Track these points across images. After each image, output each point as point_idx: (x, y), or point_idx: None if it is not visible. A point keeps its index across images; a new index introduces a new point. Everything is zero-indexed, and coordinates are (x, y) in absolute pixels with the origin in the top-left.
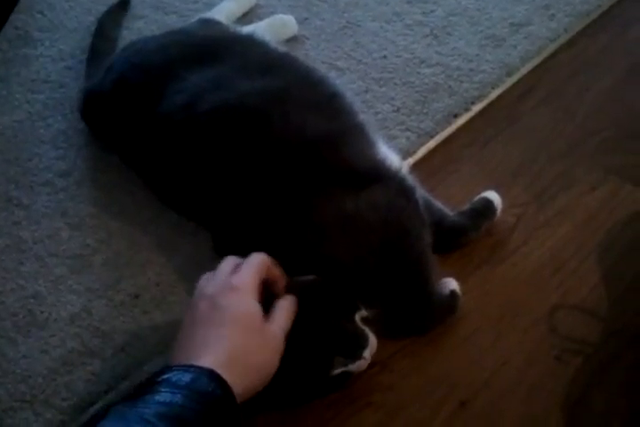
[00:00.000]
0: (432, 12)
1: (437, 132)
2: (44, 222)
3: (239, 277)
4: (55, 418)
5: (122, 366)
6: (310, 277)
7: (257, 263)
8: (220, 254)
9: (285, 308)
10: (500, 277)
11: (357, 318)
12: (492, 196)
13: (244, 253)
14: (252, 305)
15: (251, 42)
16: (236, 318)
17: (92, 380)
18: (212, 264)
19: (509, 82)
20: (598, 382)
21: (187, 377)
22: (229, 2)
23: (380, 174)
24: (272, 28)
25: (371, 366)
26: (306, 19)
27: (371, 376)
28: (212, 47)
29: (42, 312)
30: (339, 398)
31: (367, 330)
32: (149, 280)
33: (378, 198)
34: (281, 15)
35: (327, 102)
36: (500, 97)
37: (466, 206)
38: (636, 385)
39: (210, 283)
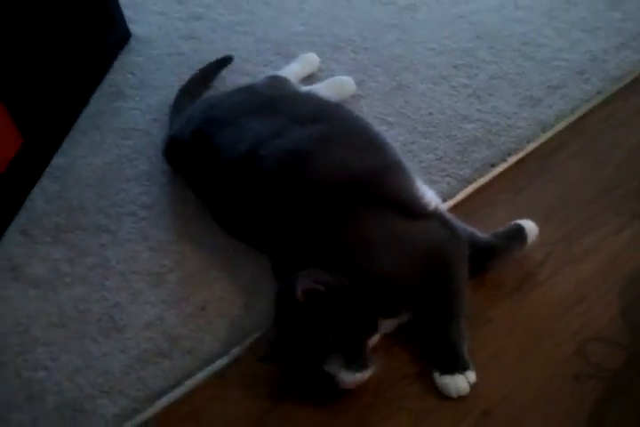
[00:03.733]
0: (476, 75)
1: (475, 179)
2: (127, 245)
3: None
4: (129, 406)
5: (187, 367)
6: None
7: None
8: (277, 275)
9: None
10: (528, 305)
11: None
12: (525, 223)
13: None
14: None
15: (307, 96)
16: None
17: (161, 376)
18: (269, 283)
19: (544, 137)
20: (612, 402)
21: None
22: (295, 64)
23: (423, 207)
24: (332, 88)
25: (402, 377)
26: (362, 81)
27: (403, 387)
28: (272, 102)
29: (121, 319)
30: (375, 402)
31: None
32: (215, 295)
33: (427, 228)
34: (340, 77)
35: (369, 143)
36: (534, 150)
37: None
38: None
39: None
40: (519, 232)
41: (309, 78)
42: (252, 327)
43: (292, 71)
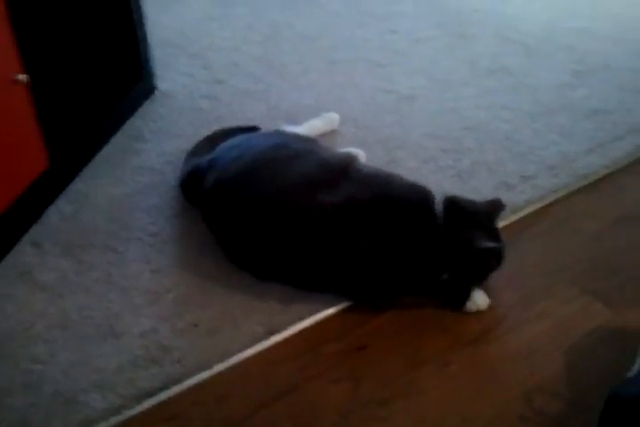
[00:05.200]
0: (460, 160)
1: None
2: (132, 265)
3: None
4: (117, 402)
5: (175, 373)
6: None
7: None
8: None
9: None
10: (484, 354)
11: None
12: (477, 293)
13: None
14: None
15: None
16: None
17: (150, 379)
18: (257, 309)
19: (514, 218)
20: None
21: None
22: (317, 120)
23: None
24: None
25: (369, 401)
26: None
27: (370, 410)
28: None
29: (119, 327)
30: (339, 423)
31: None
32: (207, 316)
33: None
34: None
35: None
36: (504, 228)
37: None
38: None
39: None
40: (464, 293)
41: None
42: (237, 347)
43: (314, 126)
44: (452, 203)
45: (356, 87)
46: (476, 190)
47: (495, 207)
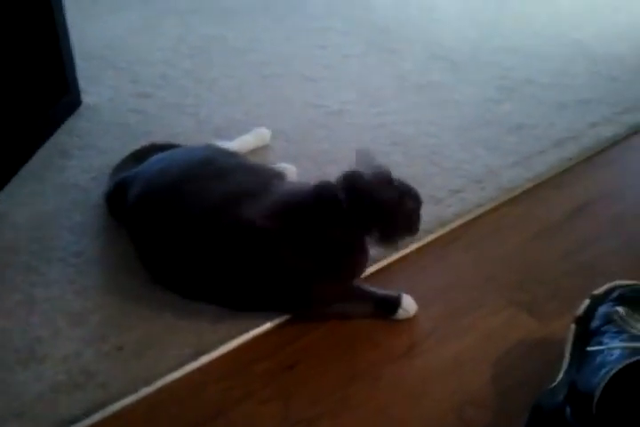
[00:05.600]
0: None
1: (381, 260)
2: (54, 287)
3: None
4: None
5: (99, 399)
6: None
7: None
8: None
9: None
10: (414, 368)
11: None
12: (406, 298)
13: None
14: None
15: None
16: None
17: (73, 405)
18: (183, 332)
19: (442, 231)
20: None
21: None
22: (248, 136)
23: None
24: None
25: (298, 421)
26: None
27: None
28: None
29: (41, 351)
30: None
31: None
32: (132, 339)
33: None
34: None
35: None
36: (433, 240)
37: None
38: None
39: None
40: (395, 300)
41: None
42: (164, 369)
43: (245, 141)
44: (349, 185)
45: (286, 102)
46: None
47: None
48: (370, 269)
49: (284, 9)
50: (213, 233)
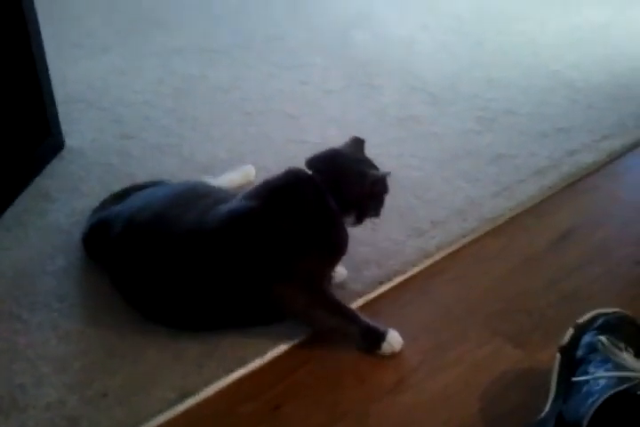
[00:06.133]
0: None
1: (365, 294)
2: (37, 333)
3: None
4: None
5: None
6: None
7: None
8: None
9: None
10: (402, 403)
11: None
12: (392, 333)
13: None
14: None
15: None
16: None
17: None
18: (170, 373)
19: (426, 263)
20: None
21: None
22: (233, 173)
23: None
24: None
25: None
26: None
27: None
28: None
29: (23, 400)
30: None
31: None
32: (117, 383)
33: None
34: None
35: None
36: (417, 273)
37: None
38: None
39: None
40: (380, 334)
41: None
42: (149, 414)
43: (231, 179)
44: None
45: (269, 138)
46: (388, 237)
47: (356, 143)
48: (355, 304)
49: (266, 46)
50: (187, 255)
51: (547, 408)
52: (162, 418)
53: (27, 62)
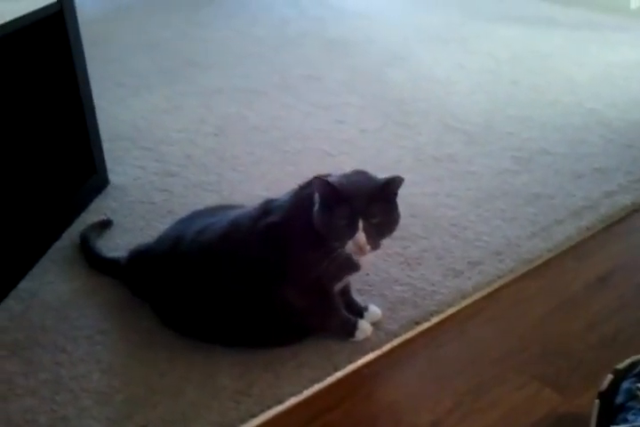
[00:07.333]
0: (408, 247)
1: (401, 334)
2: (81, 365)
3: None
4: None
5: None
6: None
7: None
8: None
9: None
10: None
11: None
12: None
13: None
14: None
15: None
16: None
17: None
18: (208, 409)
19: (463, 303)
20: None
21: None
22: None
23: None
24: None
25: None
26: None
27: None
28: None
29: None
30: None
31: None
32: (157, 417)
33: None
34: None
35: None
36: (454, 314)
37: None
38: None
39: None
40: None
41: None
42: None
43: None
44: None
45: (305, 177)
46: (425, 277)
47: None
48: (390, 344)
49: (303, 86)
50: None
51: None
52: None
53: (74, 102)
